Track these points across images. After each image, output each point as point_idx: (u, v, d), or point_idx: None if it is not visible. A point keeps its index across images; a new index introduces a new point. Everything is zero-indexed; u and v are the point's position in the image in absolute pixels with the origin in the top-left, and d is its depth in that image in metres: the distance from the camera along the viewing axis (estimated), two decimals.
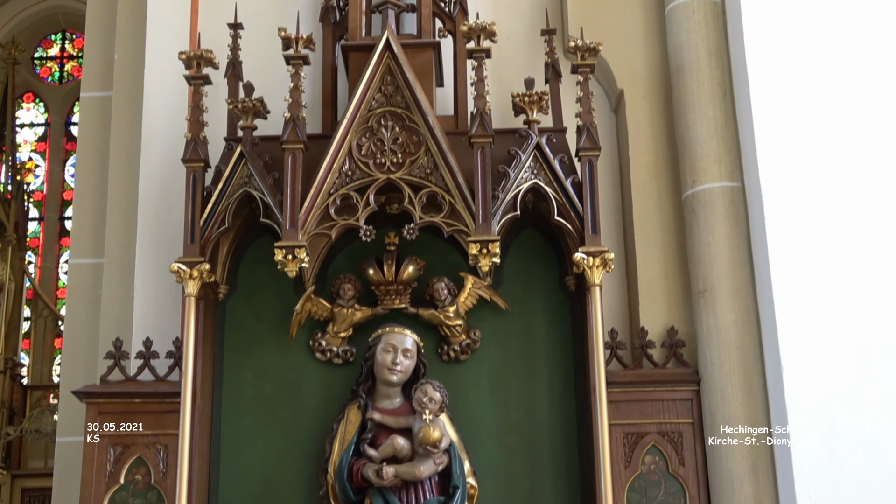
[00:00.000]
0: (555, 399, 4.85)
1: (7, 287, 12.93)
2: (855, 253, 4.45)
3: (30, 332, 13.82)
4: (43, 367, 13.56)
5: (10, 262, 12.98)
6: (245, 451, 4.81)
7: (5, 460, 12.37)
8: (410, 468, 4.47)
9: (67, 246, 14.68)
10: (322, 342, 4.87)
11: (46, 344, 13.75)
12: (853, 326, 4.37)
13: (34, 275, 14.12)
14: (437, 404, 4.55)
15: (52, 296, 14.26)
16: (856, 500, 4.21)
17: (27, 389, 12.99)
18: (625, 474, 4.58)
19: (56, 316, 13.75)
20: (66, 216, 14.89)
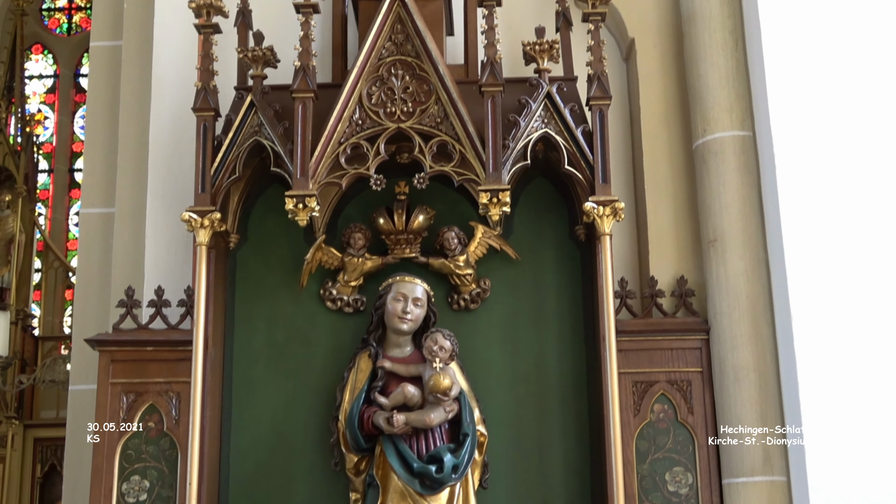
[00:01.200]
0: (564, 348, 4.87)
1: (18, 239, 12.95)
2: (867, 202, 4.45)
3: (41, 284, 13.86)
4: (54, 319, 13.61)
5: (21, 214, 12.99)
6: (256, 400, 4.85)
7: (17, 410, 12.45)
8: (421, 416, 4.50)
9: (77, 198, 14.71)
10: (333, 291, 4.89)
11: (57, 295, 13.79)
12: (863, 274, 4.38)
13: (44, 227, 14.14)
14: (448, 352, 4.57)
15: (62, 247, 14.29)
16: (864, 435, 4.23)
17: (38, 340, 13.04)
18: (634, 422, 4.61)
19: (67, 267, 13.79)
20: (76, 168, 14.88)
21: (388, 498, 4.48)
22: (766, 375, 4.52)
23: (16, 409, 12.42)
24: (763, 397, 4.50)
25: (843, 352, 4.31)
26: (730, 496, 4.48)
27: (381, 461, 4.53)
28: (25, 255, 13.25)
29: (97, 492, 4.59)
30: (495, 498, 4.69)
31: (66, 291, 13.91)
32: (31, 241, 13.43)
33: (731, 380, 4.54)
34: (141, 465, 4.63)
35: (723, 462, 4.54)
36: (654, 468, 4.58)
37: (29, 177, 13.47)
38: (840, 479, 4.20)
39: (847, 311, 4.35)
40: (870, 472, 4.20)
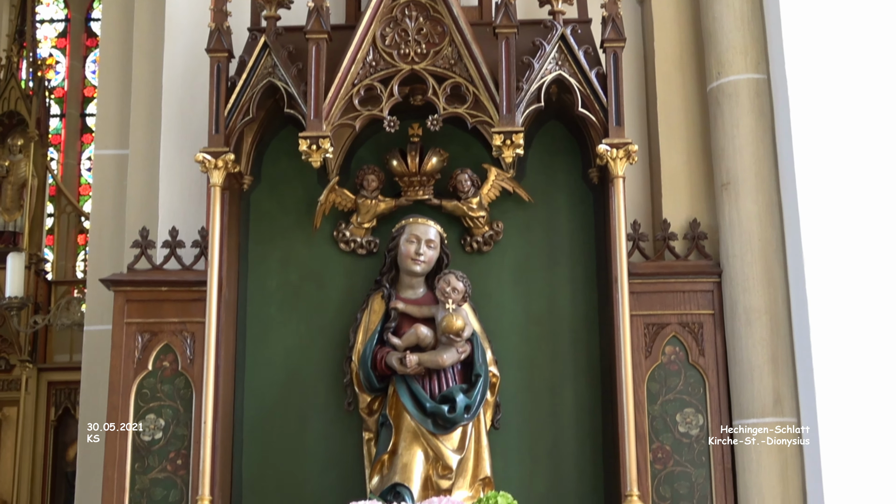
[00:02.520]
0: (576, 290, 4.89)
1: (30, 183, 12.97)
2: (881, 144, 4.44)
3: (53, 229, 13.90)
4: (67, 263, 13.66)
5: (33, 159, 13.00)
6: (270, 340, 4.88)
7: (31, 354, 12.54)
8: (433, 356, 4.53)
9: (89, 143, 14.72)
10: (346, 233, 4.91)
11: (70, 240, 13.84)
12: (876, 216, 4.38)
13: (56, 171, 14.16)
14: (460, 294, 4.59)
15: (74, 192, 14.32)
16: (875, 376, 4.26)
17: (51, 285, 13.11)
18: (645, 364, 4.64)
19: (79, 212, 13.82)
20: (88, 113, 14.88)
21: (401, 437, 4.52)
22: (778, 318, 4.54)
23: (29, 352, 12.50)
24: (774, 339, 4.51)
25: (855, 294, 4.32)
26: (740, 437, 4.51)
27: (394, 401, 4.57)
28: (38, 199, 13.28)
29: (113, 430, 4.63)
30: (507, 438, 4.73)
31: (79, 236, 13.96)
32: (43, 186, 13.45)
33: (743, 322, 4.55)
34: (156, 404, 4.67)
35: (733, 403, 4.57)
36: (665, 409, 4.61)
37: (41, 121, 13.45)
38: (850, 421, 4.22)
39: (859, 254, 4.35)
40: (880, 413, 4.22)
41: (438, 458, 4.48)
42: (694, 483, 4.54)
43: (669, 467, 4.56)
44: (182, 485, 4.58)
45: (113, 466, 4.58)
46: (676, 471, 4.56)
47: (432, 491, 4.43)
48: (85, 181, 14.70)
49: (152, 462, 4.61)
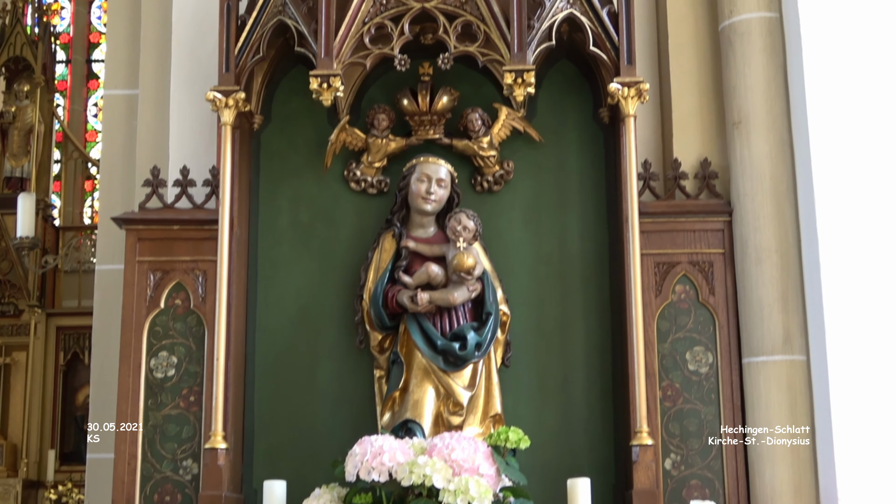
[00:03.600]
0: (587, 230, 4.90)
1: (37, 129, 12.96)
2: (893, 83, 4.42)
3: (60, 175, 13.91)
4: (74, 209, 13.69)
5: (39, 105, 12.97)
6: (281, 279, 4.90)
7: (40, 299, 12.58)
8: (444, 294, 4.55)
9: (95, 89, 14.69)
10: (356, 172, 4.91)
11: (77, 186, 13.86)
12: (887, 155, 4.37)
13: (63, 117, 14.14)
14: (471, 232, 4.60)
15: (80, 138, 14.31)
16: (885, 313, 4.28)
17: (59, 231, 13.13)
18: (655, 303, 4.65)
19: (86, 158, 13.83)
20: (94, 59, 14.85)
21: (412, 375, 4.55)
22: (788, 256, 4.55)
23: (38, 297, 12.54)
24: (784, 278, 4.53)
25: (865, 232, 4.33)
26: (749, 374, 4.54)
27: (405, 339, 4.60)
28: (44, 145, 13.26)
29: (126, 367, 4.67)
30: (517, 376, 4.76)
31: (86, 182, 13.98)
32: (49, 132, 13.43)
33: (753, 261, 4.57)
34: (168, 342, 4.70)
35: (743, 341, 4.60)
36: (675, 347, 4.63)
37: (46, 67, 13.40)
38: (859, 358, 4.25)
39: (870, 193, 4.36)
40: (889, 349, 4.24)
41: (449, 395, 4.51)
42: (703, 420, 4.57)
43: (679, 405, 4.59)
44: (195, 421, 4.63)
45: (126, 402, 4.63)
46: (686, 408, 4.59)
47: (443, 427, 4.46)
48: (91, 127, 14.69)
49: (165, 399, 4.65)
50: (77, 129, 14.39)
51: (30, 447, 12.31)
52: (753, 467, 4.48)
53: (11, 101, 13.09)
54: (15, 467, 12.14)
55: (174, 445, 4.62)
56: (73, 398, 12.69)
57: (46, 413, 12.53)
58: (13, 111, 12.98)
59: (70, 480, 12.07)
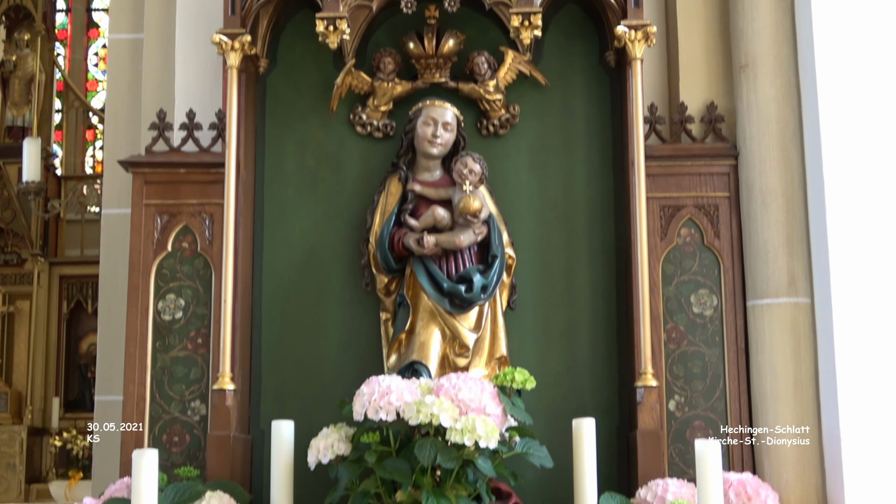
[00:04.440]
0: (592, 174, 4.91)
1: (37, 78, 12.96)
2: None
3: (62, 125, 13.91)
4: (76, 159, 13.72)
5: (40, 53, 12.97)
6: (288, 222, 4.91)
7: (43, 248, 12.63)
8: (451, 237, 4.57)
9: (96, 37, 14.66)
10: (362, 116, 4.91)
11: (78, 135, 13.87)
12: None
13: (64, 67, 14.11)
14: (477, 176, 4.61)
15: (81, 88, 14.30)
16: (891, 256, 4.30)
17: (61, 180, 13.15)
18: (660, 246, 4.67)
19: (87, 107, 13.82)
20: (94, 7, 14.78)
21: (418, 317, 4.58)
22: (794, 200, 4.56)
23: (41, 247, 12.59)
24: (790, 221, 4.54)
25: (872, 176, 4.33)
26: (753, 317, 4.57)
27: (412, 282, 4.62)
28: (45, 95, 13.28)
29: (133, 310, 4.69)
30: (522, 318, 4.78)
31: (87, 132, 13.98)
32: (50, 81, 13.45)
33: (759, 204, 4.58)
34: (176, 285, 4.72)
35: (748, 284, 4.62)
36: (680, 290, 4.66)
37: (47, 16, 13.39)
38: (864, 301, 4.27)
39: (877, 136, 4.36)
40: (893, 292, 4.27)
41: (455, 337, 4.55)
42: (707, 362, 4.61)
43: (683, 347, 4.62)
44: (202, 363, 4.66)
45: (135, 344, 4.65)
46: (690, 350, 4.62)
47: (449, 369, 4.50)
48: (92, 76, 14.68)
49: (173, 341, 4.68)
50: (78, 79, 14.37)
51: (34, 395, 12.42)
52: (757, 408, 4.52)
53: (12, 49, 13.08)
54: (20, 414, 12.25)
55: (182, 387, 4.65)
56: (77, 346, 12.78)
57: (50, 361, 12.63)
58: (14, 60, 12.97)
59: (74, 427, 12.21)
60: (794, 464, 4.40)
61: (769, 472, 4.41)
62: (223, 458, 4.36)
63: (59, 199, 12.03)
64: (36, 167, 10.99)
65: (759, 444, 4.50)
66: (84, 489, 10.08)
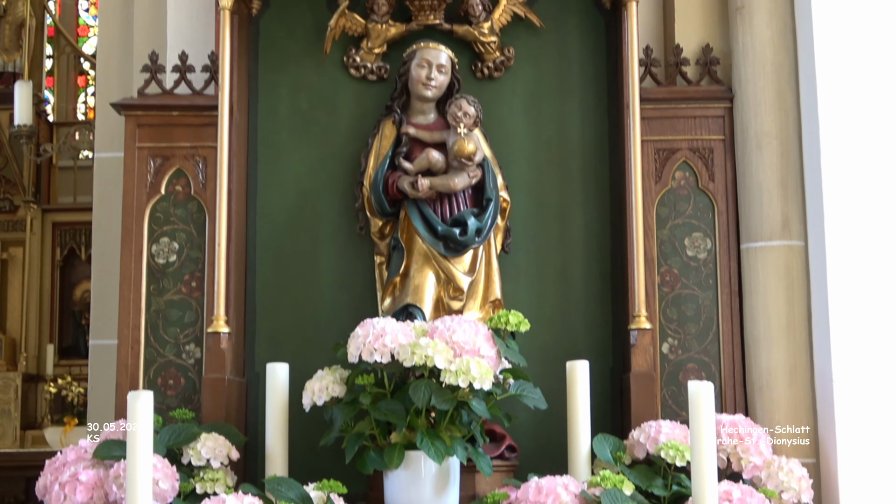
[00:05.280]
0: (587, 117, 4.89)
1: (28, 23, 12.82)
2: None
3: (53, 71, 13.81)
4: (68, 105, 13.63)
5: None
6: (281, 166, 4.89)
7: (35, 195, 12.58)
8: (445, 180, 4.56)
9: None
10: (356, 58, 4.87)
11: (70, 81, 13.77)
12: (892, 42, 4.35)
13: (54, 12, 13.98)
14: (472, 118, 4.60)
15: (73, 33, 14.17)
16: (884, 198, 4.30)
17: (53, 126, 13.08)
18: (655, 189, 4.66)
19: (78, 53, 13.71)
20: None
21: (413, 260, 4.58)
22: (789, 142, 4.55)
23: (33, 194, 12.54)
24: (784, 164, 4.53)
25: (867, 117, 4.32)
26: (747, 260, 4.57)
27: (406, 225, 4.62)
28: (36, 40, 13.15)
29: (127, 253, 4.68)
30: (516, 261, 4.79)
31: (79, 78, 13.88)
32: (41, 27, 13.31)
33: (754, 147, 4.57)
34: (169, 228, 4.70)
35: (741, 227, 4.62)
36: (674, 233, 4.65)
37: None
38: (857, 243, 4.27)
39: (873, 79, 4.34)
40: (887, 234, 4.27)
41: (450, 280, 4.55)
42: (701, 305, 4.62)
43: (677, 290, 4.63)
44: (197, 306, 4.65)
45: (129, 288, 4.65)
46: (684, 293, 4.63)
47: (444, 312, 4.50)
48: (83, 22, 14.55)
49: (167, 284, 4.67)
50: (69, 24, 14.24)
51: (28, 342, 12.42)
52: (749, 351, 4.54)
53: None
54: (14, 361, 12.25)
55: (177, 330, 4.65)
56: (71, 293, 12.76)
57: (44, 308, 12.62)
58: (4, 4, 12.83)
59: (69, 374, 12.21)
60: (786, 405, 4.42)
61: (761, 414, 4.44)
62: (218, 401, 4.37)
63: (49, 144, 11.94)
64: (27, 110, 10.91)
65: (751, 386, 4.52)
66: (79, 435, 10.07)
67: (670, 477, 3.96)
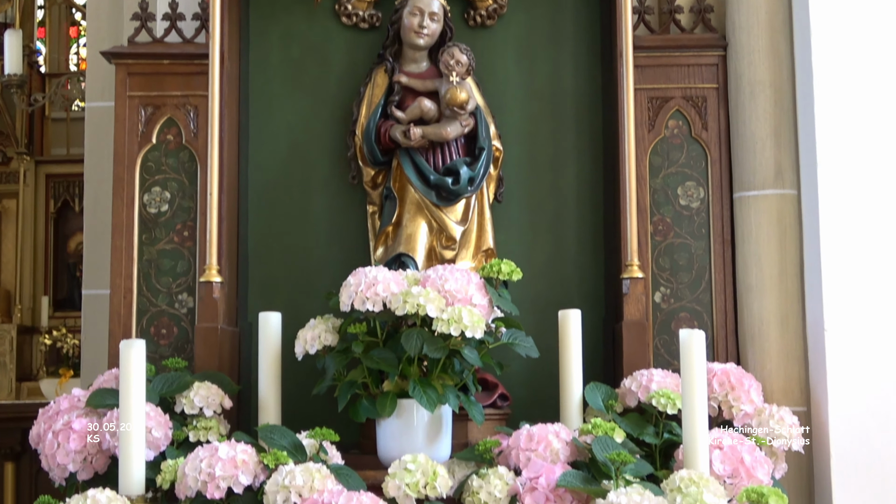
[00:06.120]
0: (580, 65, 4.87)
1: None
2: None
3: (45, 21, 13.72)
4: (60, 56, 13.56)
5: None
6: (273, 115, 4.87)
7: (28, 147, 12.54)
8: (437, 129, 4.54)
9: None
10: (348, 6, 4.84)
11: (62, 32, 13.69)
12: None
13: None
14: (464, 67, 4.57)
15: None
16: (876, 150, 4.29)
17: (45, 77, 13.01)
18: (648, 138, 4.64)
19: (70, 3, 13.60)
20: None
21: (405, 209, 4.57)
22: (782, 90, 4.53)
23: (26, 145, 12.49)
24: (778, 112, 4.52)
25: (861, 65, 4.30)
26: (740, 208, 4.57)
27: (398, 174, 4.60)
28: None
29: (119, 202, 4.67)
30: (509, 210, 4.78)
31: (71, 28, 13.80)
32: None
33: (747, 95, 4.55)
34: (161, 177, 4.69)
35: (734, 176, 4.61)
36: (667, 182, 4.65)
37: None
38: (850, 192, 4.27)
39: (867, 26, 4.31)
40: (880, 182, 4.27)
41: (442, 230, 4.54)
42: (693, 254, 4.61)
43: (669, 239, 4.63)
44: (189, 255, 4.65)
45: (121, 237, 4.63)
46: (676, 242, 4.63)
47: (436, 261, 4.50)
48: None
49: (159, 234, 4.66)
50: None
51: (23, 294, 12.42)
52: (742, 300, 4.54)
53: None
54: (9, 313, 12.27)
55: (169, 280, 4.65)
56: (65, 245, 12.75)
57: (38, 260, 12.61)
58: None
59: (64, 326, 12.22)
60: (777, 354, 4.44)
61: (753, 363, 4.46)
62: (211, 350, 4.36)
63: (41, 93, 11.88)
64: (18, 59, 10.84)
65: (743, 335, 4.53)
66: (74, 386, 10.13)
67: (661, 425, 3.97)
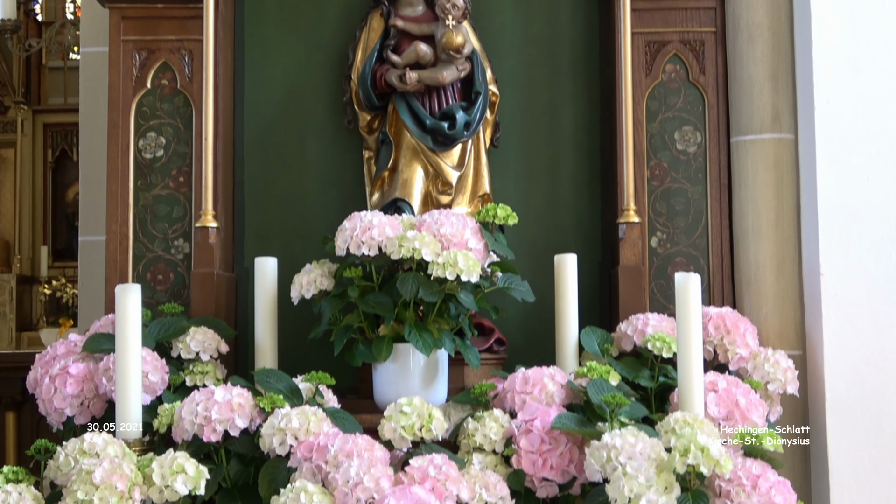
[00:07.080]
0: (577, 9, 4.84)
1: None
2: None
3: None
4: (56, 4, 13.47)
5: None
6: (269, 60, 4.84)
7: (25, 96, 12.50)
8: (433, 73, 4.51)
9: None
10: None
11: None
12: None
13: None
14: (461, 10, 4.53)
15: None
16: (874, 94, 4.27)
17: (41, 25, 12.94)
18: (645, 82, 4.61)
19: None
20: None
21: (401, 154, 4.55)
22: (780, 34, 4.49)
23: (23, 95, 12.46)
24: (775, 56, 4.48)
25: (860, 8, 4.26)
26: (737, 153, 4.55)
27: (394, 119, 4.58)
28: None
29: (114, 148, 4.64)
30: (505, 156, 4.77)
31: None
32: None
33: (745, 39, 4.51)
34: (156, 122, 4.66)
35: (732, 121, 4.58)
36: (664, 127, 4.62)
37: None
38: (846, 136, 4.25)
39: None
40: (878, 126, 4.25)
41: (438, 175, 4.53)
42: (690, 199, 4.60)
43: (666, 184, 4.61)
44: (185, 201, 4.64)
45: (116, 182, 4.61)
46: (673, 187, 4.61)
47: (432, 206, 4.48)
48: None
49: (155, 179, 4.64)
50: None
51: (22, 243, 12.45)
52: (738, 245, 4.53)
53: None
54: (8, 263, 12.29)
55: (165, 225, 4.64)
56: (63, 195, 12.76)
57: (37, 210, 12.62)
58: None
59: (63, 276, 12.25)
60: (773, 298, 4.43)
61: (749, 307, 4.46)
62: (207, 295, 4.36)
63: (36, 39, 11.82)
64: (11, 4, 10.80)
65: (739, 280, 4.53)
66: None
67: (657, 368, 3.98)
